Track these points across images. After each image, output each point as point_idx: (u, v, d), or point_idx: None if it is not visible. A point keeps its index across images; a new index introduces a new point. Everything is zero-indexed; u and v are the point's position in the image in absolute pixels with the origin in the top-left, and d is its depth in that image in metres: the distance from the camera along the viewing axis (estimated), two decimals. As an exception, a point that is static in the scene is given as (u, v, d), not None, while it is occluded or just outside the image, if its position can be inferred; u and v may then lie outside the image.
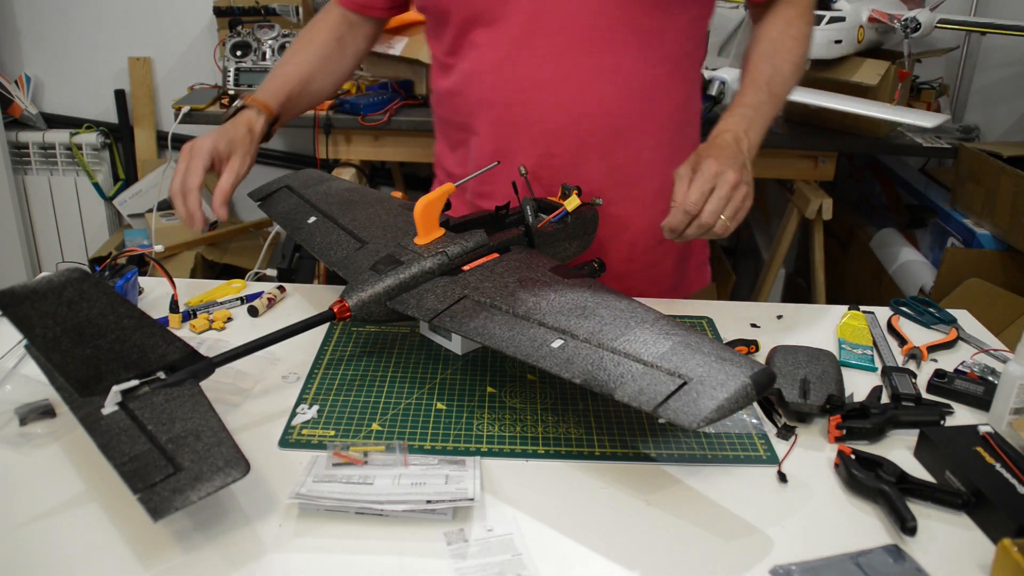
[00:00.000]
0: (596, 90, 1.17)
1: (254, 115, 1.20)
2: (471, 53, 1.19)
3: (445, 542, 0.76)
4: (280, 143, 3.03)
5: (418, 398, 0.99)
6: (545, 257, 1.05)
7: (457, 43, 1.20)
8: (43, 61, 2.96)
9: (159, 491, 0.72)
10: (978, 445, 0.88)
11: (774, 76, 1.16)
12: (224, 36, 2.58)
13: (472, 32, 1.17)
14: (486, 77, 1.18)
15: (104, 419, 0.80)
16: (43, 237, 3.06)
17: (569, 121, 1.18)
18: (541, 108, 1.18)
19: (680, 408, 0.76)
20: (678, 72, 1.23)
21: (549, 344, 0.86)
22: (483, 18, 1.16)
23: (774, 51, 1.19)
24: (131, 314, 0.81)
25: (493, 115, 1.20)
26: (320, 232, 1.16)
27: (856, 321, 1.18)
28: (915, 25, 2.15)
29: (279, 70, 1.29)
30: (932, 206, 2.45)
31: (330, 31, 1.32)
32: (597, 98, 1.17)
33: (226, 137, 1.15)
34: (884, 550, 0.77)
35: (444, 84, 1.26)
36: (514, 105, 1.18)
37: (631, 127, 1.20)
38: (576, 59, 1.15)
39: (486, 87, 1.19)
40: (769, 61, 1.17)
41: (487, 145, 1.22)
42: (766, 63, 1.17)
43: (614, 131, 1.20)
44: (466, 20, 1.17)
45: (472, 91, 1.21)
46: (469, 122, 1.24)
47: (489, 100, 1.19)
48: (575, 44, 1.15)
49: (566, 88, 1.16)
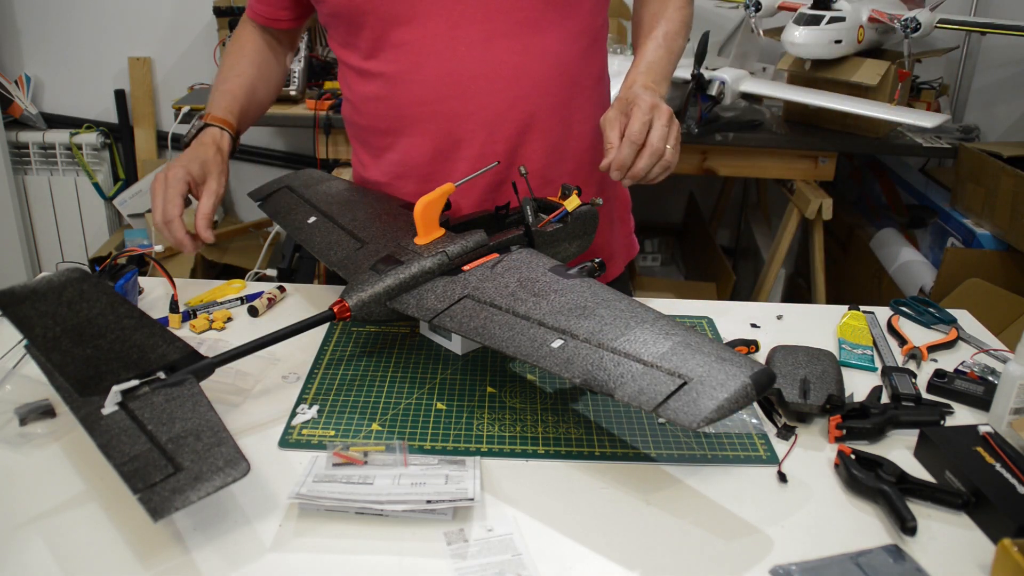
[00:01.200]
0: (527, 71, 1.17)
1: (218, 133, 1.19)
2: (393, 54, 1.16)
3: (445, 542, 0.77)
4: (280, 143, 3.03)
5: (418, 398, 0.99)
6: (545, 257, 1.04)
7: (376, 46, 1.17)
8: (43, 61, 2.96)
9: (159, 491, 0.72)
10: (978, 445, 0.88)
11: (667, 33, 1.22)
12: (224, 36, 2.58)
13: (392, 32, 1.15)
14: (415, 75, 1.16)
15: (104, 419, 0.80)
16: (43, 237, 3.06)
17: (506, 106, 1.18)
18: (478, 97, 1.17)
19: (680, 408, 0.76)
20: (595, 46, 1.26)
21: (549, 344, 0.86)
22: (401, 17, 1.14)
23: (662, 12, 1.24)
24: (131, 314, 0.81)
25: (428, 112, 1.18)
26: (320, 232, 1.16)
27: (856, 321, 1.18)
28: (915, 25, 2.15)
29: (223, 86, 1.28)
30: (932, 206, 2.45)
31: (256, 41, 1.32)
32: (529, 79, 1.18)
33: (198, 161, 1.14)
34: (884, 550, 0.77)
35: (364, 90, 1.22)
36: (450, 99, 1.16)
37: (563, 103, 1.22)
38: (504, 43, 1.15)
39: (416, 85, 1.17)
40: (660, 22, 1.23)
41: (425, 144, 1.20)
42: (658, 24, 1.23)
43: (549, 109, 1.20)
44: (384, 21, 1.15)
45: (400, 92, 1.18)
46: (398, 126, 1.21)
47: (421, 98, 1.17)
48: (500, 29, 1.15)
49: (499, 74, 1.16)
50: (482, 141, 1.19)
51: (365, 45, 1.18)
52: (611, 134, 1.05)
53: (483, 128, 1.18)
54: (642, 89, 1.10)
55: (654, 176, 1.06)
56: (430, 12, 1.13)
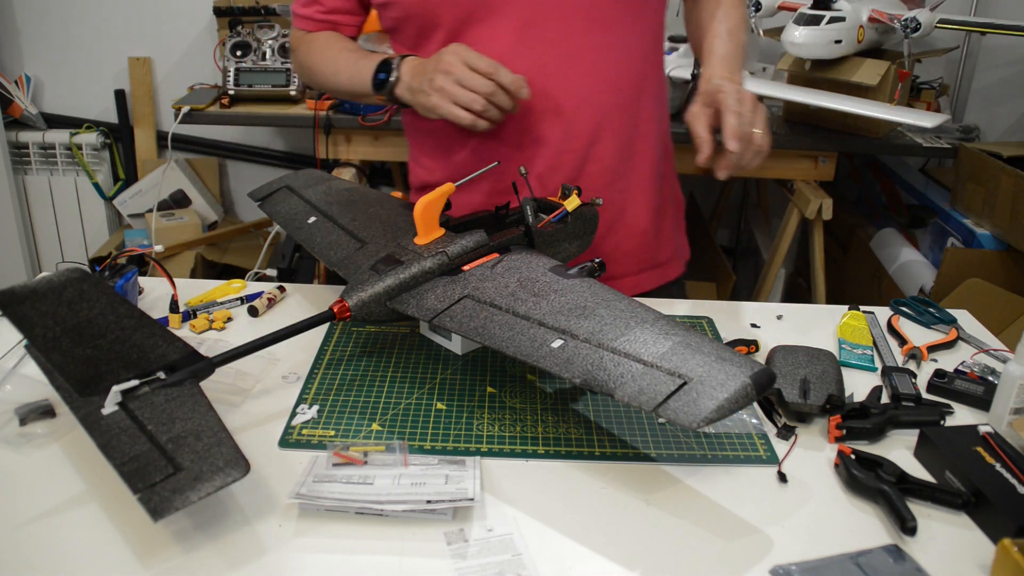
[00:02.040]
0: (602, 69, 1.18)
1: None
2: None
3: (445, 542, 0.77)
4: (280, 143, 3.03)
5: (418, 398, 0.99)
6: (545, 257, 1.04)
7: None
8: (43, 61, 2.96)
9: (159, 491, 0.72)
10: (978, 445, 0.88)
11: (730, 30, 1.23)
12: (224, 36, 2.58)
13: (466, 32, 1.16)
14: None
15: (104, 419, 0.80)
16: (43, 237, 3.06)
17: (581, 102, 1.19)
18: (554, 94, 1.17)
19: (680, 408, 0.76)
20: (658, 45, 1.27)
21: (549, 344, 0.86)
22: (476, 15, 1.15)
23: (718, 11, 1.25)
24: (131, 314, 0.81)
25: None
26: (320, 232, 1.16)
27: (856, 321, 1.18)
28: (915, 25, 2.15)
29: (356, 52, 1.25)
30: (932, 206, 2.45)
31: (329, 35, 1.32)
32: (604, 76, 1.19)
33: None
34: (884, 550, 0.77)
35: None
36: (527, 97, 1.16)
37: (633, 101, 1.23)
38: (580, 39, 1.16)
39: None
40: (720, 20, 1.24)
41: (503, 143, 1.20)
42: (719, 22, 1.24)
43: (620, 106, 1.22)
44: (459, 21, 1.16)
45: None
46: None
47: None
48: (576, 25, 1.15)
49: (574, 70, 1.17)
50: (558, 138, 1.20)
51: (436, 46, 1.16)
52: (700, 128, 1.07)
53: (558, 125, 1.19)
54: (722, 81, 1.11)
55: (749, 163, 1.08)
56: (507, 9, 1.14)
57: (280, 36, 2.51)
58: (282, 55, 2.48)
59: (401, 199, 1.25)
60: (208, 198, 2.97)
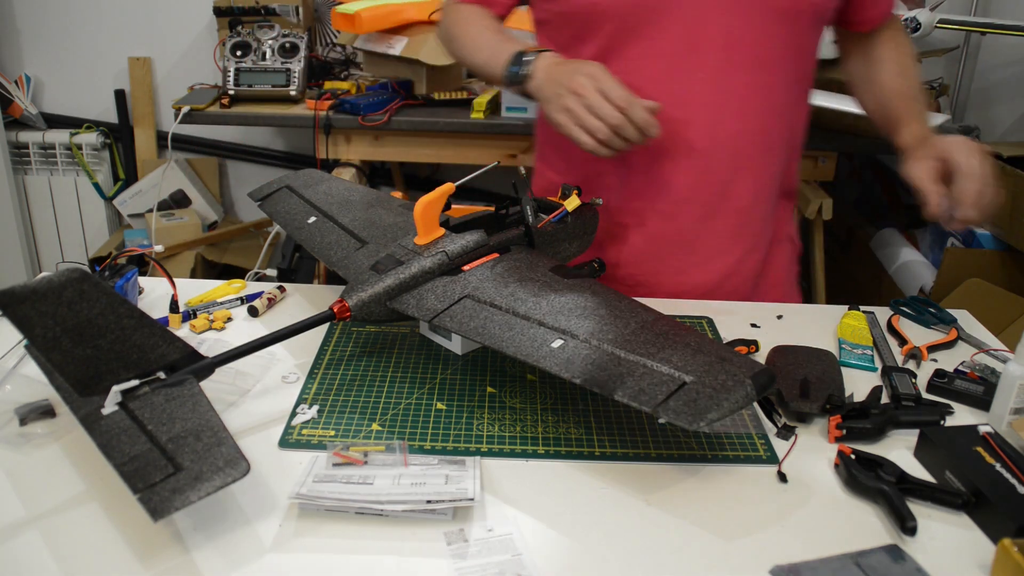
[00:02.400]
0: (752, 108, 1.16)
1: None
2: (619, 66, 1.09)
3: (445, 542, 0.77)
4: (280, 143, 3.03)
5: (418, 398, 0.99)
6: (545, 257, 1.05)
7: (603, 57, 1.11)
8: (43, 61, 2.96)
9: (159, 491, 0.72)
10: (978, 445, 0.88)
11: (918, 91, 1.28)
12: (224, 36, 2.58)
13: (624, 45, 1.12)
14: (640, 94, 1.05)
15: (104, 419, 0.80)
16: (43, 237, 3.07)
17: (727, 138, 1.17)
18: (700, 127, 1.15)
19: (680, 408, 0.76)
20: (807, 94, 1.27)
21: (549, 344, 0.86)
22: (638, 30, 1.11)
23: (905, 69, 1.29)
24: (131, 314, 0.81)
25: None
26: (320, 232, 1.16)
27: (856, 321, 1.18)
28: (915, 25, 2.15)
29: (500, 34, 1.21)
30: (932, 206, 2.44)
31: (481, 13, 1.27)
32: (753, 116, 1.17)
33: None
34: (884, 550, 0.77)
35: None
36: (672, 123, 1.12)
37: (779, 145, 1.22)
38: (736, 76, 1.13)
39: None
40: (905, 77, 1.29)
41: (639, 167, 1.18)
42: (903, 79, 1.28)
43: (765, 149, 1.20)
44: (620, 30, 1.11)
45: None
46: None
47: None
48: (735, 62, 1.13)
49: (725, 106, 1.15)
50: (697, 171, 1.18)
51: (589, 53, 1.13)
52: (928, 183, 1.11)
53: (700, 158, 1.18)
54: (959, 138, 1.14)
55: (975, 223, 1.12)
56: (668, 31, 1.11)
57: (280, 36, 2.51)
58: (282, 55, 2.48)
59: (401, 199, 1.25)
60: (208, 198, 2.97)
